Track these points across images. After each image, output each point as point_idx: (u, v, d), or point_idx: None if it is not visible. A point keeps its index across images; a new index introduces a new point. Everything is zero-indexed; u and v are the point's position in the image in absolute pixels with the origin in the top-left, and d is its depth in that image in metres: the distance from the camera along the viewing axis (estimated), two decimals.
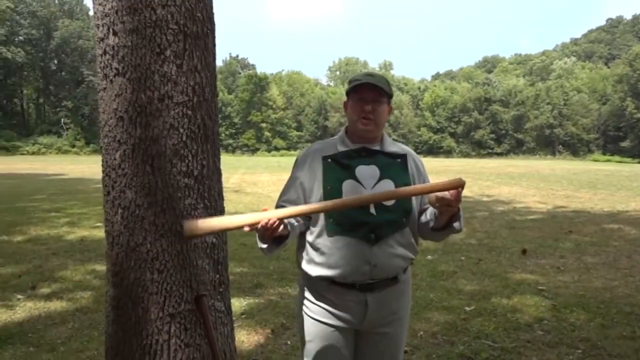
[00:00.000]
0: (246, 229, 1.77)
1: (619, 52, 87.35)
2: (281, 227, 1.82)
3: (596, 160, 60.33)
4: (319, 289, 2.06)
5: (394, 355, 2.14)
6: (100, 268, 5.88)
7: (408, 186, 2.01)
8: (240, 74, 79.68)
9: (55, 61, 64.95)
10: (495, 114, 71.05)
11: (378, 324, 2.06)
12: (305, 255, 2.07)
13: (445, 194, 1.82)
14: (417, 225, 2.11)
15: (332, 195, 1.97)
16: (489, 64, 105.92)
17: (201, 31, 2.10)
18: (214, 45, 2.21)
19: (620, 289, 5.36)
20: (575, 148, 69.16)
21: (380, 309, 2.04)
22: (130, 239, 2.07)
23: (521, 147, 70.67)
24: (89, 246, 7.25)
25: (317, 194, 2.02)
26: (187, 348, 2.15)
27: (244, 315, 4.46)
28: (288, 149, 69.30)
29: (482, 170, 30.73)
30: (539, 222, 9.88)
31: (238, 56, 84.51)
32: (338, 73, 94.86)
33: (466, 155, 69.85)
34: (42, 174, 24.17)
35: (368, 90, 2.03)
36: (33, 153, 55.96)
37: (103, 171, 2.12)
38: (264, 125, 70.95)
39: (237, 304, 4.66)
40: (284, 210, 1.83)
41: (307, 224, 2.06)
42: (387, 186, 2.02)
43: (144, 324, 2.10)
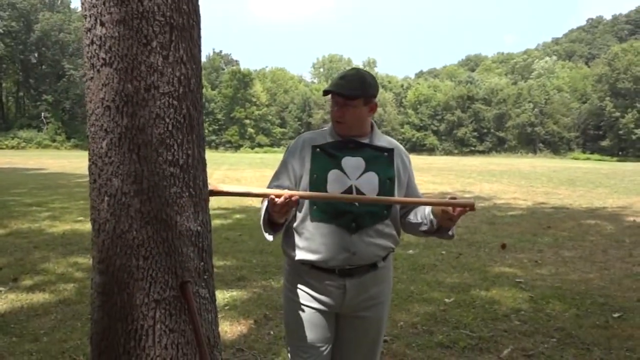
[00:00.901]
0: (271, 197, 1.88)
1: (599, 52, 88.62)
2: (292, 209, 1.94)
3: (576, 159, 61.29)
4: (301, 273, 2.13)
5: (374, 338, 2.21)
6: (83, 261, 5.88)
7: (427, 199, 2.14)
8: (223, 69, 79.27)
9: (36, 54, 63.96)
10: (478, 112, 71.69)
11: (358, 308, 2.13)
12: (290, 240, 2.14)
13: (451, 210, 1.95)
14: (404, 221, 2.18)
15: (318, 183, 2.05)
16: (472, 63, 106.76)
17: (187, 23, 2.14)
18: (199, 37, 2.25)
19: (595, 281, 5.51)
20: (555, 146, 70.10)
21: (359, 294, 2.11)
22: (117, 226, 2.11)
23: (503, 145, 71.42)
24: (71, 239, 7.22)
25: (305, 181, 2.09)
26: (172, 333, 2.19)
27: (227, 307, 4.50)
28: (271, 145, 69.22)
29: (465, 167, 31.04)
30: (518, 218, 10.06)
31: (222, 52, 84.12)
32: (322, 70, 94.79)
33: (449, 153, 70.41)
34: (22, 168, 23.86)
35: (338, 94, 2.09)
36: (12, 147, 55.09)
37: (89, 159, 2.15)
38: (247, 121, 70.73)
39: (221, 296, 4.71)
40: (303, 192, 1.96)
41: (295, 211, 2.13)
42: (371, 178, 2.08)
43: (130, 310, 2.14)
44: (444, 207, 1.95)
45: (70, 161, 30.28)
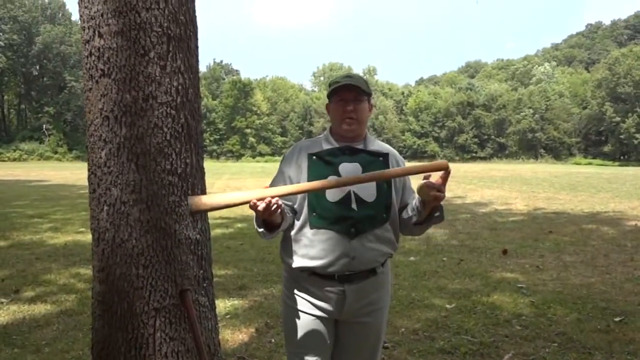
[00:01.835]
0: (253, 202, 1.82)
1: (598, 57, 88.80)
2: (278, 212, 1.90)
3: (578, 164, 61.25)
4: (300, 280, 2.14)
5: (374, 344, 2.22)
6: (85, 271, 5.89)
7: (404, 168, 2.08)
8: (224, 79, 79.56)
9: (37, 67, 64.32)
10: (479, 119, 71.77)
11: (357, 314, 2.14)
12: (288, 248, 2.15)
13: (433, 180, 1.91)
14: (400, 221, 2.19)
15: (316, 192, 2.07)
16: (472, 69, 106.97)
17: (184, 34, 2.17)
18: (196, 47, 2.28)
19: (597, 285, 5.50)
20: (557, 152, 70.09)
21: (358, 300, 2.12)
22: (116, 235, 2.13)
23: (504, 151, 71.45)
24: (73, 250, 7.23)
25: (296, 194, 2.10)
26: (172, 341, 2.21)
27: (228, 316, 4.51)
28: (273, 154, 69.29)
29: (466, 174, 31.03)
30: (519, 224, 10.05)
31: (222, 62, 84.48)
32: (322, 78, 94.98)
33: (450, 159, 70.31)
34: (24, 180, 23.93)
35: (348, 91, 2.11)
36: (14, 159, 55.31)
37: (89, 169, 2.18)
38: (248, 130, 70.88)
39: (222, 305, 4.71)
40: (281, 189, 1.91)
41: (294, 217, 2.14)
42: (369, 184, 2.10)
43: (130, 318, 2.16)
44: (427, 183, 1.92)
45: (72, 172, 30.35)
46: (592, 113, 67.69)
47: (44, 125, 61.54)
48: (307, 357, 2.13)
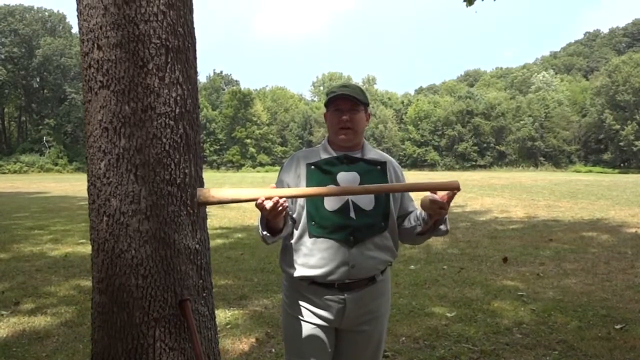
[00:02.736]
0: (261, 200, 1.82)
1: (597, 65, 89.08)
2: (283, 214, 1.91)
3: (578, 171, 61.19)
4: (300, 289, 2.15)
5: (374, 353, 2.22)
6: (85, 283, 5.88)
7: (412, 183, 2.02)
8: (224, 90, 79.81)
9: (38, 79, 64.58)
10: (478, 127, 71.81)
11: (357, 322, 2.15)
12: (288, 257, 2.16)
13: (438, 197, 1.92)
14: (400, 230, 2.20)
15: (314, 200, 2.08)
16: (471, 78, 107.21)
17: (182, 45, 2.19)
18: (195, 58, 2.31)
19: (597, 293, 5.49)
20: (557, 159, 70.09)
21: (358, 308, 2.12)
22: (115, 245, 2.14)
23: (504, 159, 71.43)
24: (73, 262, 7.23)
25: (301, 198, 2.11)
26: (172, 351, 2.21)
27: (228, 326, 4.50)
28: (273, 164, 69.32)
29: (466, 182, 31.02)
30: (520, 232, 10.05)
31: (222, 72, 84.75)
32: (322, 88, 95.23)
33: (450, 168, 70.38)
34: (24, 192, 23.94)
35: (343, 101, 2.13)
36: (15, 171, 55.39)
37: (88, 180, 2.19)
38: (248, 141, 70.98)
39: (222, 315, 4.71)
40: (292, 190, 1.93)
41: (293, 226, 2.15)
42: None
43: (129, 329, 2.16)
44: (432, 197, 1.93)
45: (72, 184, 30.36)
46: (592, 121, 67.76)
47: (45, 137, 61.68)
48: None
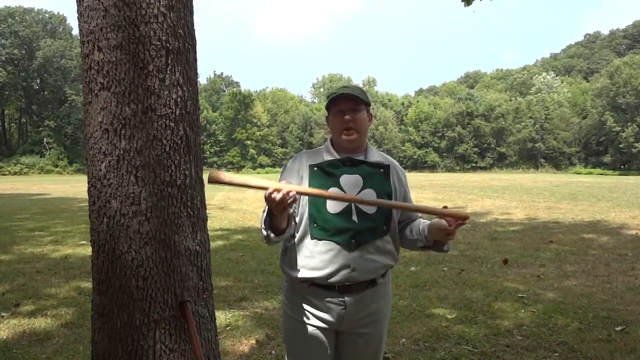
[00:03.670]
0: (271, 190, 1.83)
1: (597, 67, 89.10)
2: (290, 210, 1.94)
3: (578, 173, 61.22)
4: (301, 291, 2.14)
5: (374, 355, 2.22)
6: (85, 285, 5.88)
7: (423, 206, 2.10)
8: (224, 91, 79.87)
9: (38, 80, 64.66)
10: (478, 128, 71.81)
11: (357, 325, 2.14)
12: (288, 259, 2.15)
13: (446, 224, 1.96)
14: (401, 236, 2.20)
15: (316, 202, 2.08)
16: (471, 79, 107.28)
17: (183, 47, 2.19)
18: (195, 60, 2.31)
19: (598, 294, 5.49)
20: (557, 161, 70.08)
21: (359, 311, 2.12)
22: (116, 247, 2.14)
23: (504, 161, 71.43)
24: (73, 264, 7.23)
25: (304, 200, 2.11)
26: (172, 353, 2.21)
27: (229, 327, 4.50)
28: (273, 165, 69.38)
29: (466, 184, 31.03)
30: (520, 233, 10.04)
31: (222, 74, 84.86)
32: (322, 90, 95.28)
33: (450, 169, 70.39)
34: (25, 193, 23.96)
35: (345, 101, 2.13)
36: (15, 173, 55.44)
37: (89, 182, 2.19)
38: (248, 142, 71.01)
39: (222, 317, 4.70)
40: (301, 187, 1.95)
41: (295, 229, 2.14)
42: (369, 195, 2.11)
43: (130, 330, 2.16)
44: (439, 225, 1.97)
45: (73, 186, 30.38)
46: (592, 122, 67.77)
47: (45, 139, 61.72)
48: None
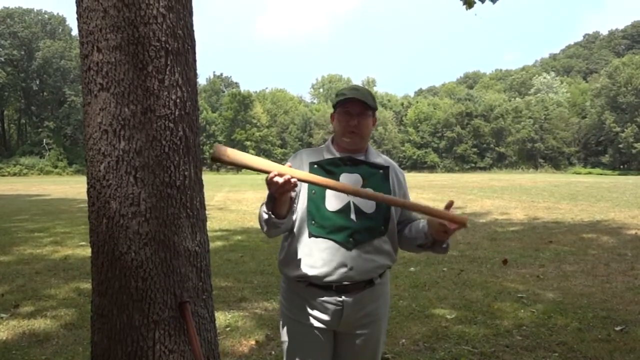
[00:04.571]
0: (274, 174, 1.84)
1: (596, 67, 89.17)
2: (292, 194, 1.94)
3: (577, 173, 61.30)
4: (298, 290, 2.14)
5: (372, 356, 2.21)
6: (85, 285, 5.88)
7: (424, 206, 2.06)
8: (224, 92, 79.93)
9: (37, 81, 64.66)
10: (477, 128, 71.87)
11: (355, 325, 2.14)
12: (286, 257, 2.15)
13: (447, 223, 1.96)
14: (400, 236, 2.20)
15: (316, 199, 2.08)
16: (471, 80, 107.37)
17: (182, 47, 2.19)
18: (194, 60, 2.31)
19: (597, 294, 5.49)
20: (556, 161, 70.18)
21: (357, 311, 2.12)
22: (115, 248, 2.14)
23: (503, 161, 71.52)
24: (72, 265, 7.23)
25: (303, 197, 2.11)
26: (172, 354, 2.21)
27: (228, 328, 4.50)
28: None
29: (466, 184, 31.04)
30: (519, 233, 10.05)
31: (222, 74, 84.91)
32: (321, 90, 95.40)
33: (450, 170, 70.45)
34: (24, 194, 23.95)
35: (354, 104, 2.12)
36: (14, 174, 55.44)
37: (88, 183, 2.19)
38: (248, 143, 71.04)
39: (222, 317, 4.70)
40: (304, 174, 1.95)
41: (293, 223, 2.13)
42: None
43: (129, 331, 2.16)
44: (441, 220, 1.97)
45: (72, 186, 30.38)
46: (591, 122, 67.88)
47: (44, 140, 61.72)
48: None
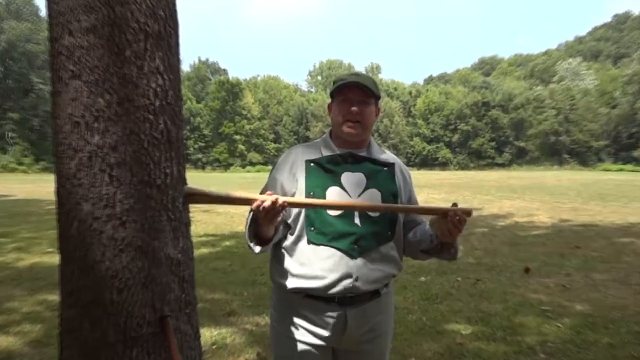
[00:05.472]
0: (256, 205, 1.87)
1: (628, 51, 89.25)
2: (280, 217, 1.95)
3: (607, 170, 61.30)
4: (293, 304, 2.13)
5: None
6: (52, 298, 5.87)
7: (421, 205, 2.12)
8: (210, 80, 79.89)
9: (1, 68, 64.45)
10: (495, 120, 71.89)
11: (358, 341, 2.13)
12: (280, 267, 2.13)
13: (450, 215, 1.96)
14: (404, 241, 2.20)
15: None
16: (487, 66, 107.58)
17: (163, 30, 2.17)
18: (177, 45, 2.29)
19: (631, 307, 5.50)
20: (583, 157, 70.22)
21: (361, 325, 2.11)
22: (87, 255, 2.12)
23: (524, 157, 71.60)
24: (39, 274, 7.21)
25: (299, 196, 2.10)
26: None
27: (215, 346, 4.49)
28: (265, 163, 69.35)
29: (482, 183, 31.09)
30: (543, 238, 10.06)
31: (208, 60, 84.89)
32: (320, 78, 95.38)
33: (464, 167, 70.54)
34: None
35: (354, 90, 2.11)
36: None
37: (57, 182, 2.18)
38: (237, 137, 71.03)
39: (208, 334, 4.70)
40: (290, 198, 1.96)
41: (286, 232, 2.13)
42: (374, 195, 2.10)
43: (102, 349, 2.14)
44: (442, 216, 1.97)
45: (40, 185, 30.32)
46: (623, 113, 67.84)
47: (8, 133, 61.52)
48: None
